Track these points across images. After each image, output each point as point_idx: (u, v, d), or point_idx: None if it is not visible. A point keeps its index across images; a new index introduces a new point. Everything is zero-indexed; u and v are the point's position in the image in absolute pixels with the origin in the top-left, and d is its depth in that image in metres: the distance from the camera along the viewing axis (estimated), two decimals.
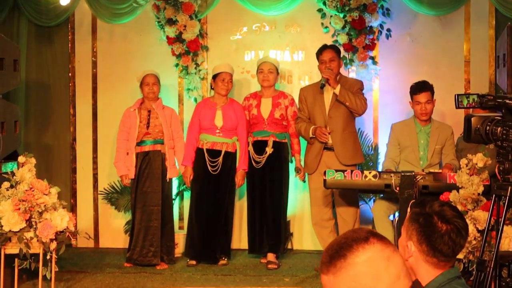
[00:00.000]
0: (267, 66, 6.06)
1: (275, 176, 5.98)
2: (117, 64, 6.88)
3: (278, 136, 6.02)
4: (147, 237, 6.01)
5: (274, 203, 5.97)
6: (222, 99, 6.09)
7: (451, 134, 5.56)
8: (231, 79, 6.08)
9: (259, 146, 6.04)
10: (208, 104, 6.11)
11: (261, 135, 6.05)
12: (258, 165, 6.00)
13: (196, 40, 6.62)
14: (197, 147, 6.05)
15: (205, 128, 6.04)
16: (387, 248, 1.57)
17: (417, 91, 5.48)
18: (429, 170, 5.20)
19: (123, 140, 6.07)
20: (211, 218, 6.00)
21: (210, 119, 6.03)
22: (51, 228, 4.68)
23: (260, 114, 6.05)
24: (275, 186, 5.97)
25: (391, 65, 6.61)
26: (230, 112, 6.06)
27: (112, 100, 6.85)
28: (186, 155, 6.04)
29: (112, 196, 6.72)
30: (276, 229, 5.99)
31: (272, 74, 6.06)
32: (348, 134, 5.70)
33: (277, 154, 5.99)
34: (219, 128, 6.02)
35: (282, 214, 6.05)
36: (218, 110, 6.05)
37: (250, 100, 6.17)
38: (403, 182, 4.85)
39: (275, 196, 5.97)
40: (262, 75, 6.07)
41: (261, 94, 6.15)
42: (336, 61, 5.70)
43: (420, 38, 6.60)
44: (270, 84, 6.08)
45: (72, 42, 6.94)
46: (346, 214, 5.74)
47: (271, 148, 5.97)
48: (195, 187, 6.07)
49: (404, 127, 5.58)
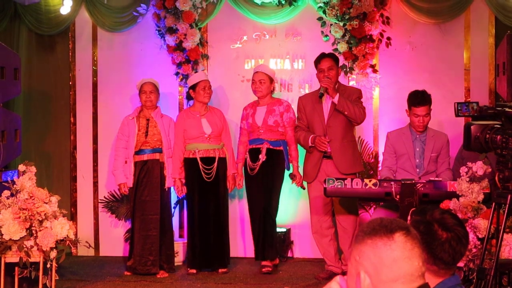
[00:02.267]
0: (258, 77, 6.08)
1: (268, 182, 6.00)
2: (118, 72, 6.90)
3: (272, 144, 6.03)
4: (146, 246, 6.01)
5: (265, 209, 5.97)
6: (203, 108, 6.13)
7: (447, 142, 5.55)
8: (210, 86, 6.12)
9: (254, 153, 6.07)
10: (189, 114, 6.13)
11: (256, 142, 6.08)
12: (253, 172, 6.02)
13: (196, 48, 6.65)
14: (187, 157, 6.05)
15: (193, 138, 6.05)
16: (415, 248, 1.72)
17: (416, 104, 5.41)
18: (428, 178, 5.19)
19: (122, 148, 6.08)
20: (213, 226, 6.01)
21: (198, 128, 6.05)
22: (51, 237, 4.68)
23: (254, 122, 6.07)
24: (267, 192, 5.98)
25: (391, 73, 6.62)
26: (214, 118, 6.11)
27: (112, 109, 6.87)
28: (175, 167, 6.05)
29: (113, 205, 6.73)
30: (266, 235, 5.99)
31: (263, 84, 6.06)
32: (347, 143, 5.71)
33: (271, 161, 6.01)
34: (208, 135, 6.04)
35: (271, 220, 6.02)
36: (202, 118, 6.08)
37: (248, 109, 6.20)
38: (404, 190, 4.84)
39: (266, 202, 5.98)
40: (254, 85, 6.10)
41: (257, 103, 6.18)
42: (335, 69, 5.71)
43: (420, 46, 6.62)
44: (263, 94, 6.09)
45: (73, 51, 6.96)
46: (346, 222, 5.75)
47: (264, 155, 5.98)
48: (192, 197, 6.06)
49: (400, 135, 5.57)
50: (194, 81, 6.12)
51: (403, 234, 1.70)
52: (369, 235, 1.71)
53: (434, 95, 5.60)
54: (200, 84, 6.07)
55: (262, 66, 6.35)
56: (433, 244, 2.23)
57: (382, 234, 1.69)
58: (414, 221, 2.30)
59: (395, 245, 1.68)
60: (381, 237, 1.69)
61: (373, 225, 1.73)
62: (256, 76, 6.09)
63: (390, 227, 1.71)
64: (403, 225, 1.72)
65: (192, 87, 6.12)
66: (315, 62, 5.78)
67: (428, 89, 5.57)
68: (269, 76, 6.10)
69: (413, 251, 1.69)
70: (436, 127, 5.81)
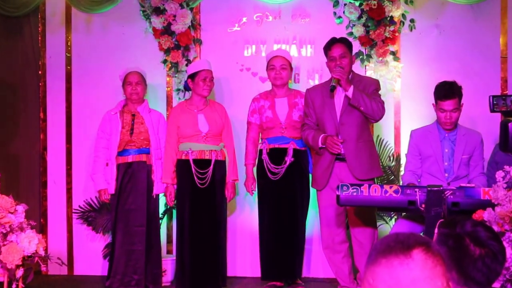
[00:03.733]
0: (279, 62, 6.07)
1: (295, 190, 5.98)
2: (96, 60, 6.91)
3: (298, 143, 6.03)
4: (129, 263, 6.00)
5: (293, 222, 5.96)
6: (201, 102, 6.12)
7: (480, 142, 5.53)
8: (212, 78, 6.09)
9: (276, 154, 6.04)
10: (184, 109, 6.12)
11: (279, 141, 6.06)
12: (275, 177, 6.01)
13: (188, 32, 6.65)
14: (179, 159, 6.04)
15: (187, 136, 6.03)
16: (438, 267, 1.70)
17: (442, 97, 5.39)
18: (459, 184, 5.18)
19: (102, 149, 6.08)
20: (205, 240, 5.99)
21: (193, 125, 6.03)
22: (17, 253, 4.67)
23: (276, 116, 6.05)
24: (295, 202, 5.97)
25: (415, 62, 6.62)
26: (213, 115, 6.10)
27: (89, 103, 6.87)
28: (167, 170, 6.04)
29: (89, 215, 6.73)
30: (295, 253, 5.98)
31: (285, 71, 6.07)
32: (363, 144, 5.68)
33: (296, 164, 5.99)
34: (205, 134, 6.03)
35: (302, 236, 6.05)
36: (200, 114, 6.07)
37: (261, 101, 6.17)
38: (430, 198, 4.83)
39: (294, 214, 5.96)
40: (274, 72, 6.08)
41: (274, 94, 6.15)
42: (348, 57, 5.69)
43: (449, 30, 6.62)
44: (284, 82, 6.09)
45: (43, 35, 6.96)
46: (362, 236, 5.73)
47: (291, 157, 5.98)
48: (182, 206, 6.03)
49: (426, 134, 5.55)
50: (194, 69, 6.10)
51: (423, 251, 1.69)
52: (383, 254, 1.70)
53: (465, 87, 5.59)
54: (201, 74, 6.05)
55: (281, 50, 6.34)
56: (464, 262, 2.23)
57: (398, 252, 1.69)
58: (442, 235, 2.29)
59: (414, 264, 1.68)
60: (397, 255, 1.69)
61: (387, 242, 1.73)
62: (276, 61, 6.08)
63: (407, 243, 1.71)
64: (422, 240, 1.72)
65: (191, 76, 6.11)
66: (325, 49, 5.76)
67: (459, 80, 5.55)
68: (289, 62, 6.11)
69: (435, 269, 1.69)
70: (467, 125, 5.80)
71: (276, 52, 6.22)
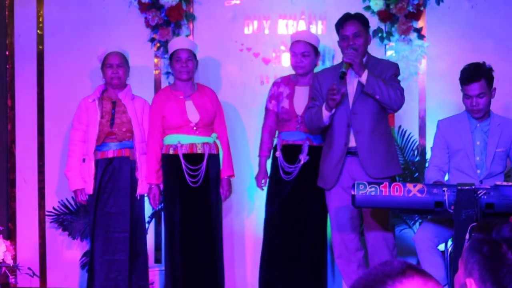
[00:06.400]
0: (300, 48, 6.02)
1: (311, 192, 5.94)
2: (72, 39, 6.90)
3: (314, 140, 6.01)
4: (110, 274, 6.01)
5: (313, 228, 5.95)
6: (188, 86, 6.11)
7: None
8: (190, 57, 6.06)
9: (289, 151, 6.03)
10: (170, 95, 6.10)
11: (293, 137, 6.04)
12: (289, 177, 5.99)
13: (179, 6, 6.64)
14: (166, 154, 6.03)
15: (174, 127, 6.02)
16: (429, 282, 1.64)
17: (465, 81, 5.37)
18: (493, 182, 5.17)
19: (78, 142, 6.08)
20: (200, 247, 6.00)
21: (181, 114, 6.02)
22: None
23: (292, 107, 6.02)
24: (313, 205, 5.95)
25: (443, 41, 6.62)
26: (204, 101, 6.09)
27: (64, 88, 6.86)
28: (150, 168, 6.04)
29: (65, 218, 6.73)
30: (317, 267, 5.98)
31: (308, 58, 6.02)
32: (378, 137, 5.64)
33: (313, 163, 5.94)
34: (196, 124, 6.02)
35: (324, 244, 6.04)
36: (187, 101, 6.05)
37: (281, 87, 6.14)
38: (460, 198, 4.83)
39: (313, 218, 5.95)
40: (295, 59, 6.05)
41: (296, 81, 6.12)
42: (363, 36, 5.66)
43: (482, 4, 6.62)
44: (306, 71, 6.05)
45: (10, 9, 6.95)
46: (379, 243, 5.72)
47: (306, 155, 5.96)
48: (172, 208, 6.03)
49: (455, 124, 5.54)
50: (169, 49, 6.13)
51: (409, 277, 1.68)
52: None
53: (500, 69, 5.60)
54: (176, 54, 6.06)
55: (304, 33, 6.28)
56: (501, 272, 2.21)
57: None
58: (474, 241, 2.28)
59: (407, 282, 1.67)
60: (391, 286, 1.67)
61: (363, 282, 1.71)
62: (297, 47, 6.03)
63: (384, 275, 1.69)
64: (402, 266, 1.70)
65: (170, 58, 6.13)
66: (337, 26, 5.74)
67: (493, 61, 5.55)
68: (314, 46, 6.06)
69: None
70: (503, 113, 5.80)
71: (298, 35, 6.17)
